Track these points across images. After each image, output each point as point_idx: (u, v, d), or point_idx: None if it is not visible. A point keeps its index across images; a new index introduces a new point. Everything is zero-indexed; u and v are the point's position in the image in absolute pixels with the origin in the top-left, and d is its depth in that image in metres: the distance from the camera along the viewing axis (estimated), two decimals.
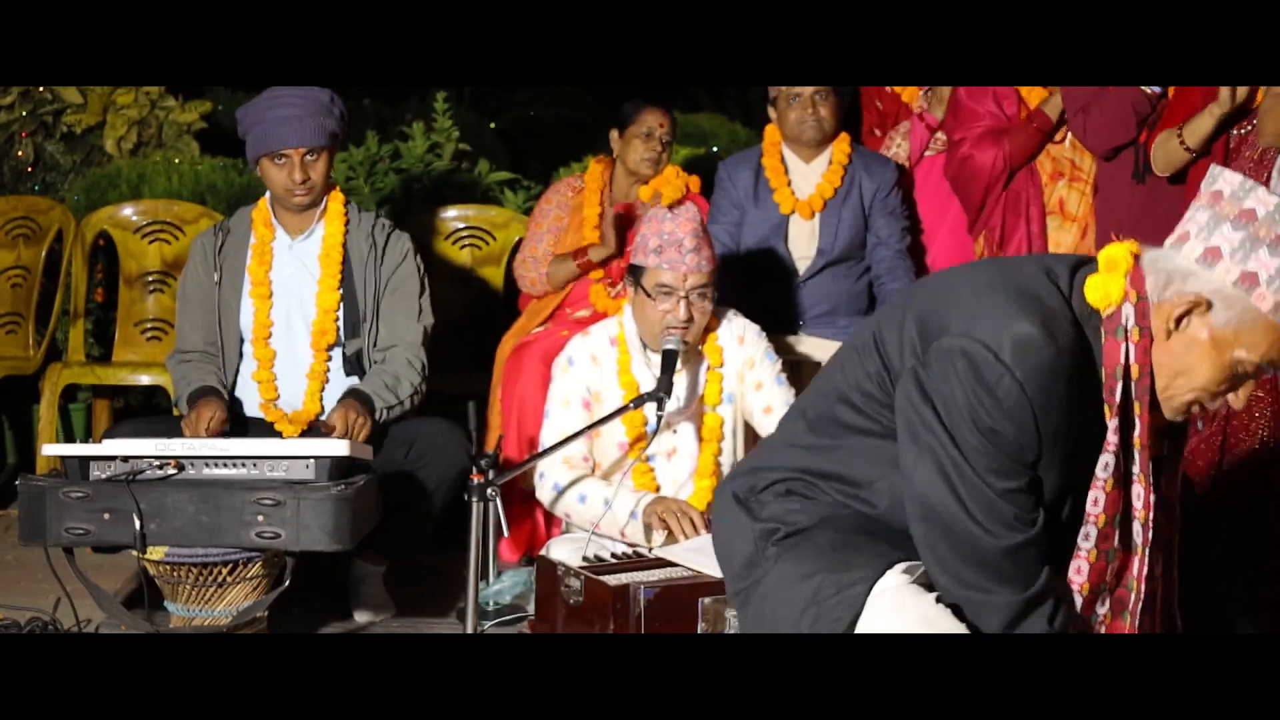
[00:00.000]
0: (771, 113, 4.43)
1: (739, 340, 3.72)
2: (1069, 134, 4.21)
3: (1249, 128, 3.62)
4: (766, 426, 3.67)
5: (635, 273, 3.63)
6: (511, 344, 4.34)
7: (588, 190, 4.48)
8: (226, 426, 3.73)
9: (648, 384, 3.60)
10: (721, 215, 4.38)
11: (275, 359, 3.90)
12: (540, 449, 3.62)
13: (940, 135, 4.51)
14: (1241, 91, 3.56)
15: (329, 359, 3.89)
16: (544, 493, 3.67)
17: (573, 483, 3.61)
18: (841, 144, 4.40)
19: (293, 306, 3.91)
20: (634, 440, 3.65)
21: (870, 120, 4.71)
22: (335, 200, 3.93)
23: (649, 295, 3.58)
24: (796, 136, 4.36)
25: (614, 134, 4.47)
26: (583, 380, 3.69)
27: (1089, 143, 4.06)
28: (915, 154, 4.56)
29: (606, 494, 3.55)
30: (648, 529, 3.50)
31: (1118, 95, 3.91)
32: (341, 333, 3.89)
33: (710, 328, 3.70)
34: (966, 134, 4.29)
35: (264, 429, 3.85)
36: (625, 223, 4.38)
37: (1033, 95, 4.25)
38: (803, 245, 4.37)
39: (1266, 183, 3.56)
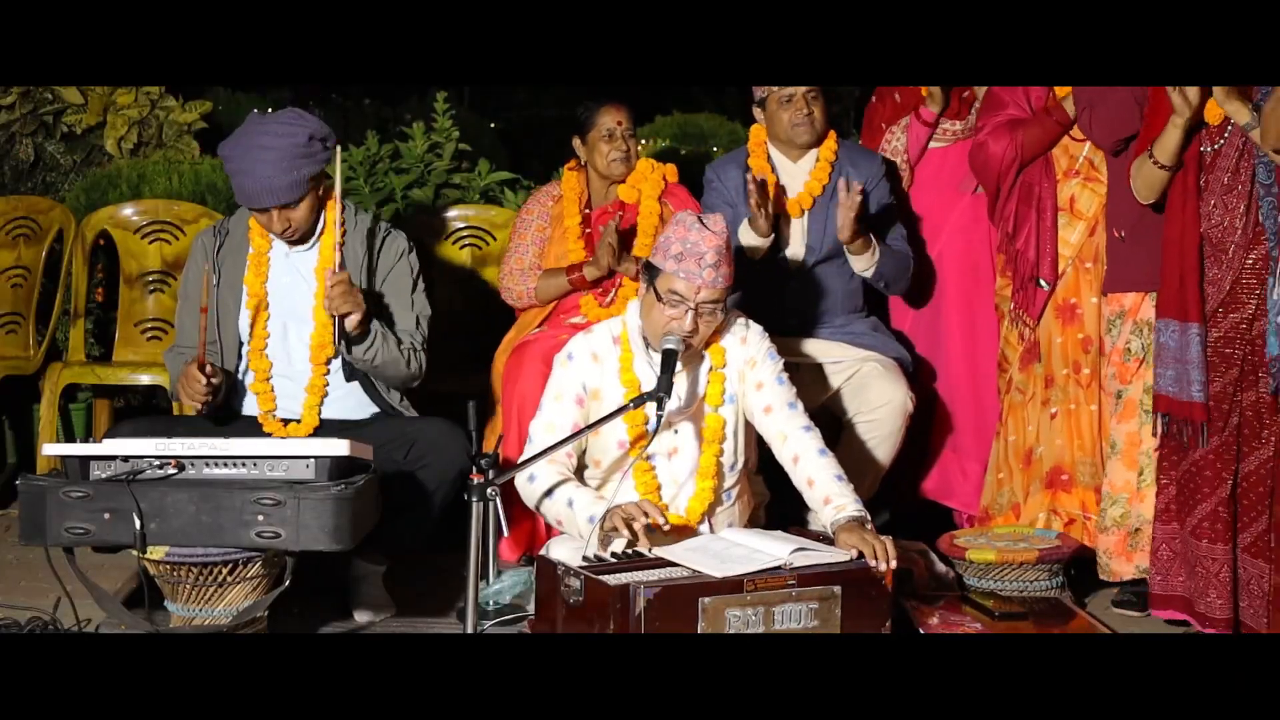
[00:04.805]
0: (758, 113, 4.40)
1: (741, 341, 3.70)
2: None
3: (1221, 141, 3.64)
4: (766, 426, 3.66)
5: (651, 272, 3.57)
6: (505, 354, 4.33)
7: (565, 199, 4.45)
8: (219, 387, 3.73)
9: (649, 382, 3.57)
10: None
11: (272, 370, 3.89)
12: (528, 439, 3.62)
13: (947, 127, 4.50)
14: (1193, 93, 3.58)
15: (327, 371, 3.88)
16: (519, 481, 3.63)
17: (550, 481, 3.58)
18: (828, 141, 4.38)
19: (290, 318, 3.89)
20: (635, 439, 3.63)
21: (884, 113, 4.66)
22: (332, 211, 3.89)
23: (659, 298, 3.56)
24: (790, 139, 4.33)
25: (576, 141, 4.46)
26: (579, 377, 3.67)
27: (1095, 137, 4.08)
28: (913, 149, 4.55)
29: (572, 494, 3.54)
30: (605, 540, 3.46)
31: (1121, 90, 3.93)
32: (339, 345, 3.85)
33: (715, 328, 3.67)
34: (988, 121, 4.30)
35: (263, 428, 3.85)
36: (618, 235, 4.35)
37: (1063, 92, 4.25)
38: (793, 244, 4.35)
39: (1248, 189, 3.57)
